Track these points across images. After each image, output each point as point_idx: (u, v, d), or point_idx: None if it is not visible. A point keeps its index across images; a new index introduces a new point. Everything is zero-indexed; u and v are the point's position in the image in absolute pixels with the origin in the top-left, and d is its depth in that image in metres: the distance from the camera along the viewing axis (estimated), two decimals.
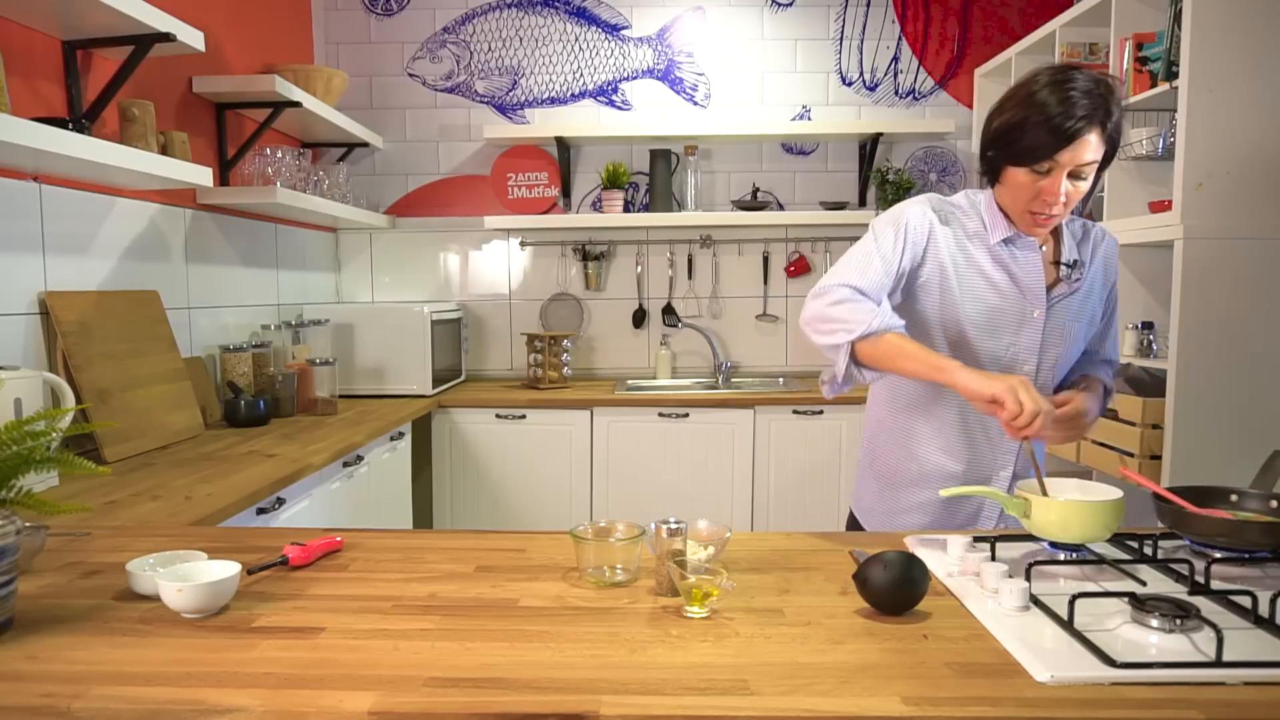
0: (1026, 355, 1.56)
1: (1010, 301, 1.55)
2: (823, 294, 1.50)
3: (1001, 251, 1.55)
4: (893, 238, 1.54)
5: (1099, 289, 1.62)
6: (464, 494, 3.54)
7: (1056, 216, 1.48)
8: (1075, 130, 1.38)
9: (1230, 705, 0.88)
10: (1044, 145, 1.41)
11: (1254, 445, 2.36)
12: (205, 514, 1.72)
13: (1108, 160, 1.47)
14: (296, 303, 3.59)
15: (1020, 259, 1.55)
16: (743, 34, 3.94)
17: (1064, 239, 1.59)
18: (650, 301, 4.05)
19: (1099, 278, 1.62)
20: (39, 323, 2.16)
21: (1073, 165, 1.41)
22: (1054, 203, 1.44)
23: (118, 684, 0.93)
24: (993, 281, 1.54)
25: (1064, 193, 1.43)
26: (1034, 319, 1.55)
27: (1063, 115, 1.39)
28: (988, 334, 1.55)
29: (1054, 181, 1.43)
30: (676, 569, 1.14)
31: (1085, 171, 1.43)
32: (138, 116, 2.31)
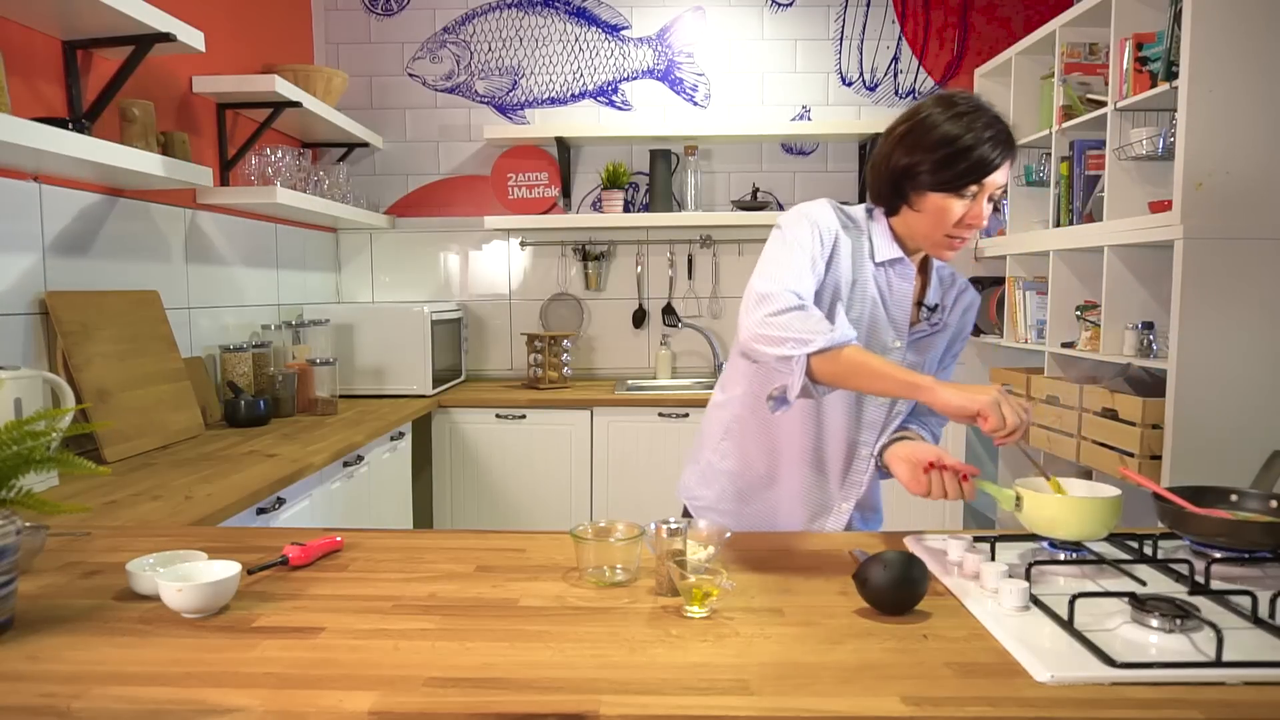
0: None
1: (880, 327, 1.54)
2: (765, 301, 1.41)
3: (880, 274, 1.54)
4: (809, 237, 1.49)
5: (953, 339, 1.64)
6: (464, 494, 3.54)
7: (967, 240, 1.50)
8: (1001, 157, 1.42)
9: (1230, 705, 0.88)
10: (975, 171, 1.42)
11: (1254, 445, 2.36)
12: (205, 514, 1.72)
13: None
14: (296, 303, 3.59)
15: (895, 287, 1.54)
16: (742, 34, 3.94)
17: (932, 281, 1.61)
18: (650, 301, 4.05)
19: (955, 325, 1.63)
20: (39, 323, 2.16)
21: (994, 189, 1.45)
22: (978, 225, 1.46)
23: (118, 684, 0.93)
24: (872, 302, 1.53)
25: (984, 216, 1.45)
26: (894, 349, 1.55)
27: (990, 142, 1.41)
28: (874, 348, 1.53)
29: (979, 205, 1.45)
30: (676, 569, 1.14)
31: (998, 195, 1.47)
32: (138, 116, 2.31)
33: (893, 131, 1.50)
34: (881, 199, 1.54)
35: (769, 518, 1.68)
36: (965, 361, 4.02)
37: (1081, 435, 2.84)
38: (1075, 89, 3.05)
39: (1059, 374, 3.16)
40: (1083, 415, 2.84)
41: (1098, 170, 2.97)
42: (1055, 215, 3.17)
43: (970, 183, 1.43)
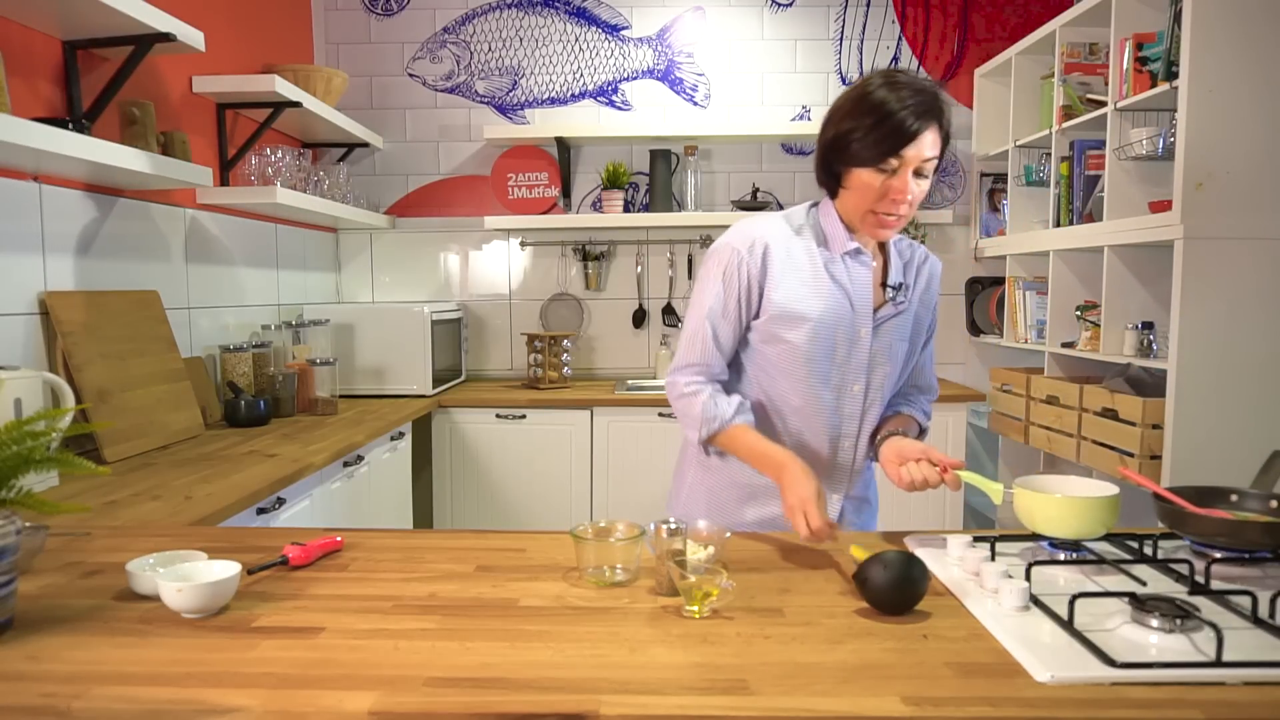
0: (856, 374, 1.58)
1: (844, 319, 1.55)
2: (671, 385, 1.60)
3: (837, 267, 1.56)
4: (720, 289, 1.56)
5: (923, 311, 1.65)
6: (464, 494, 3.54)
7: (903, 217, 1.49)
8: (918, 127, 1.41)
9: (1230, 705, 0.88)
10: (890, 143, 1.42)
11: (1254, 445, 2.36)
12: (205, 514, 1.72)
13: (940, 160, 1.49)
14: (296, 303, 3.59)
15: (855, 276, 1.56)
16: (743, 34, 3.94)
17: (891, 260, 1.61)
18: (650, 301, 4.05)
19: (923, 298, 1.65)
20: (39, 323, 2.16)
21: (917, 162, 1.43)
22: (902, 201, 1.45)
23: (118, 684, 0.93)
24: (828, 299, 1.54)
25: (912, 189, 1.45)
26: (862, 338, 1.57)
27: (906, 112, 1.41)
28: (824, 352, 1.55)
29: (901, 179, 1.44)
30: (676, 569, 1.14)
31: (926, 169, 1.45)
32: (138, 116, 2.31)
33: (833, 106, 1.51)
34: (822, 181, 1.57)
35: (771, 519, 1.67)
36: (966, 362, 4.03)
37: (1081, 435, 2.85)
38: (1075, 89, 3.05)
39: (1059, 374, 3.16)
40: (1083, 415, 2.84)
41: (1098, 170, 2.97)
42: (1055, 215, 3.17)
43: (888, 154, 1.42)
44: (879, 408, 1.63)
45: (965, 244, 3.98)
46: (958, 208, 3.97)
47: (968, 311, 3.96)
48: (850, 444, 1.64)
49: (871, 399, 1.61)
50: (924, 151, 1.43)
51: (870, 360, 1.58)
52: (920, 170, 1.44)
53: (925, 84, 1.45)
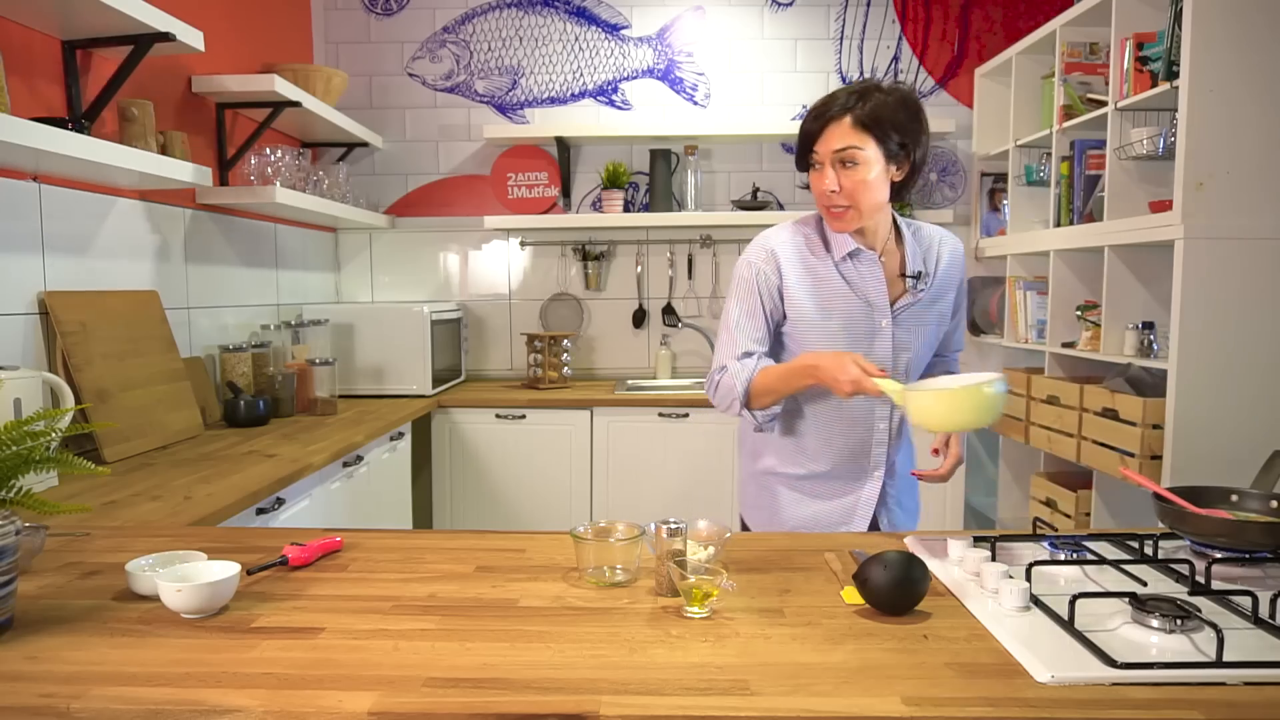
0: (881, 363, 1.66)
1: (859, 315, 1.66)
2: (710, 384, 1.73)
3: (847, 267, 1.67)
4: (746, 294, 1.70)
5: (949, 290, 1.73)
6: (464, 494, 3.54)
7: (846, 208, 1.59)
8: (817, 126, 1.57)
9: (1230, 705, 0.88)
10: (802, 146, 1.60)
11: (1254, 445, 2.36)
12: (205, 514, 1.72)
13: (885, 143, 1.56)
14: (296, 303, 3.59)
15: (863, 273, 1.66)
16: (743, 34, 3.94)
17: (908, 250, 1.68)
18: (650, 301, 4.05)
19: (946, 279, 1.72)
20: (39, 323, 2.15)
21: (829, 153, 1.56)
22: (828, 191, 1.58)
23: (118, 684, 0.93)
24: (842, 297, 1.66)
25: (836, 182, 1.57)
26: (883, 329, 1.67)
27: (813, 114, 1.59)
28: (846, 346, 1.65)
29: (822, 174, 1.58)
30: (676, 569, 1.14)
31: (850, 157, 1.55)
32: (137, 116, 2.31)
33: None
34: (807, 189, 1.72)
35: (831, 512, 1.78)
36: (967, 362, 4.02)
37: (1081, 435, 2.85)
38: (1075, 89, 3.05)
39: (1059, 374, 3.16)
40: (1083, 415, 2.84)
41: (1098, 170, 2.97)
42: (1055, 215, 3.17)
43: (804, 154, 1.60)
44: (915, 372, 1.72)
45: (966, 244, 3.96)
46: (958, 208, 3.97)
47: (968, 311, 3.96)
48: (884, 426, 1.73)
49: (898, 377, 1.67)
50: (832, 144, 1.56)
51: (895, 348, 1.67)
52: (845, 159, 1.56)
53: (858, 85, 1.60)
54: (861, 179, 1.56)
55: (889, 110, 1.56)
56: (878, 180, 1.57)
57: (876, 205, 1.61)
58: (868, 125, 1.55)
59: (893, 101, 1.57)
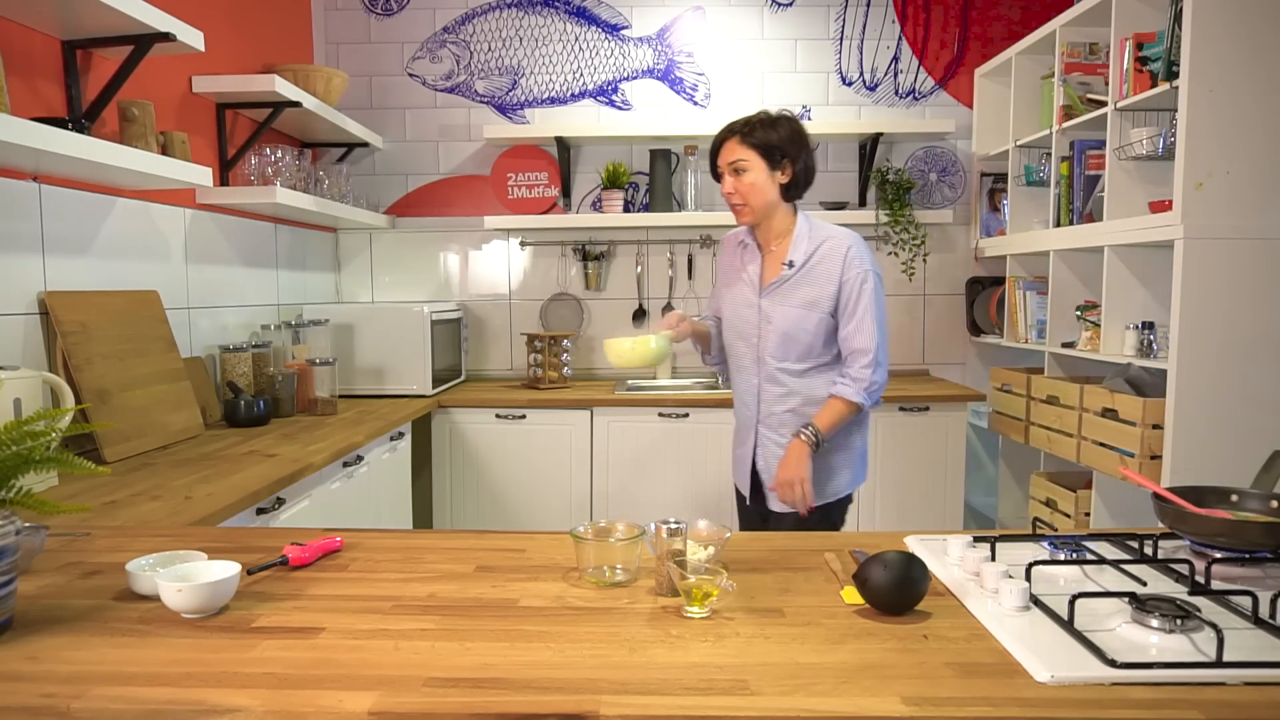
0: (753, 329, 2.15)
1: (744, 294, 2.18)
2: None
3: (745, 253, 2.21)
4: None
5: (822, 281, 2.08)
6: (464, 494, 3.54)
7: (743, 205, 2.09)
8: (715, 144, 2.12)
9: (1230, 705, 0.88)
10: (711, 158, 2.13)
11: (1254, 445, 2.36)
12: (205, 514, 1.72)
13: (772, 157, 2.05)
14: (296, 303, 3.59)
15: (748, 258, 2.20)
16: (743, 34, 3.94)
17: (792, 245, 2.11)
18: (650, 301, 4.05)
19: (818, 269, 2.09)
20: (39, 323, 2.15)
21: (725, 164, 2.09)
22: (726, 193, 2.10)
23: (118, 684, 0.93)
24: (736, 275, 2.21)
25: (731, 186, 2.08)
26: (754, 302, 2.15)
27: (716, 137, 2.13)
28: (734, 318, 2.20)
29: (723, 181, 2.11)
30: (676, 569, 1.14)
31: (739, 166, 2.06)
32: (137, 116, 2.31)
33: None
34: None
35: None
36: (966, 362, 4.03)
37: (1081, 435, 2.85)
38: (1075, 89, 3.05)
39: (1059, 374, 3.16)
40: (1083, 415, 2.84)
41: (1098, 170, 2.97)
42: (1055, 215, 3.17)
43: (714, 166, 2.13)
44: (777, 360, 2.12)
45: (965, 244, 3.99)
46: (958, 208, 3.97)
47: (968, 311, 3.96)
48: (752, 401, 2.19)
49: (764, 349, 2.13)
50: (727, 158, 2.08)
51: (760, 319, 2.13)
52: (737, 168, 2.06)
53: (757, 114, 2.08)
54: (750, 183, 2.06)
55: (765, 130, 2.04)
56: (763, 184, 2.06)
57: (766, 203, 2.09)
58: (750, 142, 2.05)
59: (768, 123, 2.05)
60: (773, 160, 2.05)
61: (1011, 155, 3.52)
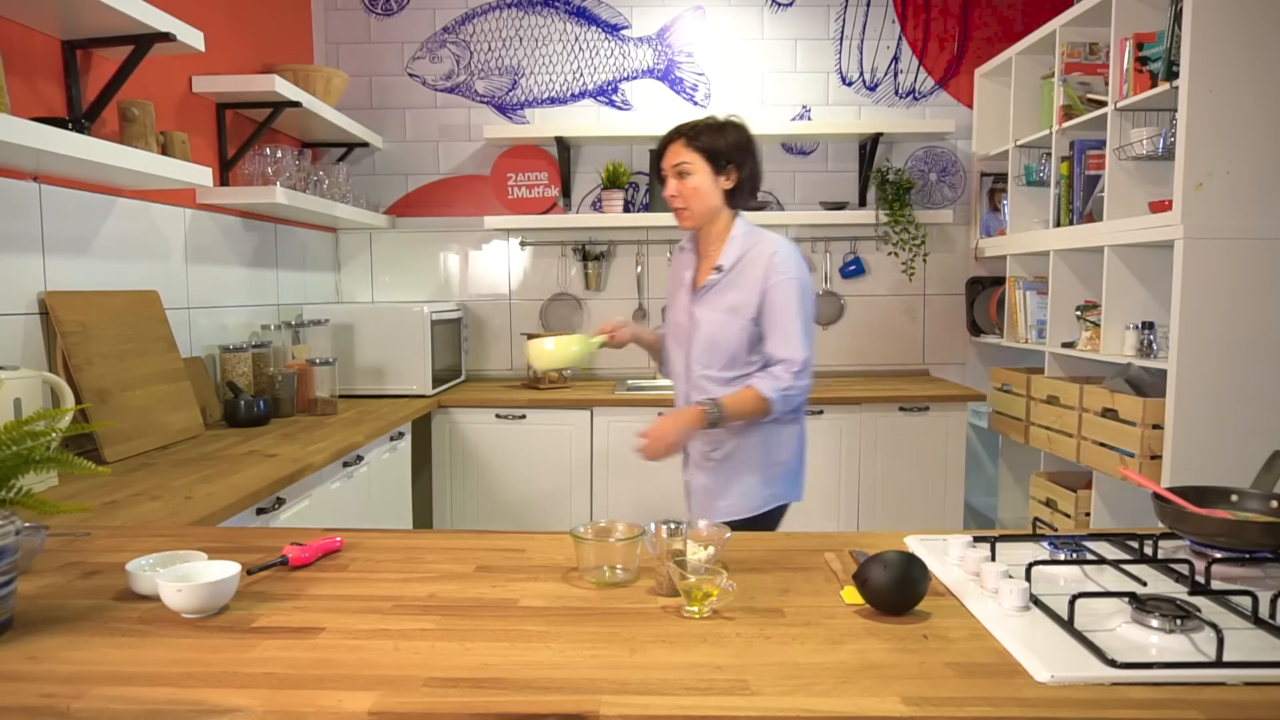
0: (683, 330, 2.11)
1: (680, 292, 2.16)
2: None
3: (683, 257, 2.18)
4: None
5: (747, 286, 2.02)
6: (464, 494, 3.54)
7: (685, 210, 2.05)
8: (659, 148, 2.07)
9: (1230, 705, 0.88)
10: (655, 161, 2.10)
11: (1254, 445, 2.36)
12: (205, 514, 1.72)
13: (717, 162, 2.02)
14: (296, 303, 3.59)
15: (683, 262, 2.17)
16: (743, 34, 3.94)
17: (724, 251, 2.06)
18: (650, 301, 4.05)
19: (742, 274, 2.03)
20: (39, 323, 2.15)
21: (669, 167, 2.04)
22: (669, 195, 2.06)
23: (118, 684, 0.93)
24: (676, 279, 2.19)
25: (674, 189, 2.04)
26: (686, 304, 2.11)
27: (661, 140, 2.08)
28: (672, 319, 2.19)
29: (667, 184, 2.06)
30: (676, 569, 1.14)
31: (683, 170, 2.02)
32: (138, 116, 2.31)
33: None
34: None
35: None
36: (966, 362, 4.03)
37: (1081, 435, 2.85)
38: (1075, 89, 3.05)
39: (1059, 374, 3.16)
40: (1083, 415, 2.84)
41: (1098, 170, 2.97)
42: (1055, 215, 3.17)
43: (657, 170, 2.10)
44: (702, 367, 2.07)
45: (965, 244, 3.99)
46: (958, 208, 3.97)
47: (968, 311, 3.96)
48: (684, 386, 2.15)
49: (694, 354, 2.08)
50: (671, 160, 2.04)
51: (691, 321, 2.09)
52: (681, 171, 2.02)
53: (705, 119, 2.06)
54: (693, 186, 2.02)
55: (711, 134, 2.01)
56: (706, 188, 2.02)
57: (708, 207, 2.04)
58: (696, 146, 2.01)
59: (716, 128, 2.03)
60: (717, 165, 2.01)
61: (1011, 155, 3.52)
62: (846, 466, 3.46)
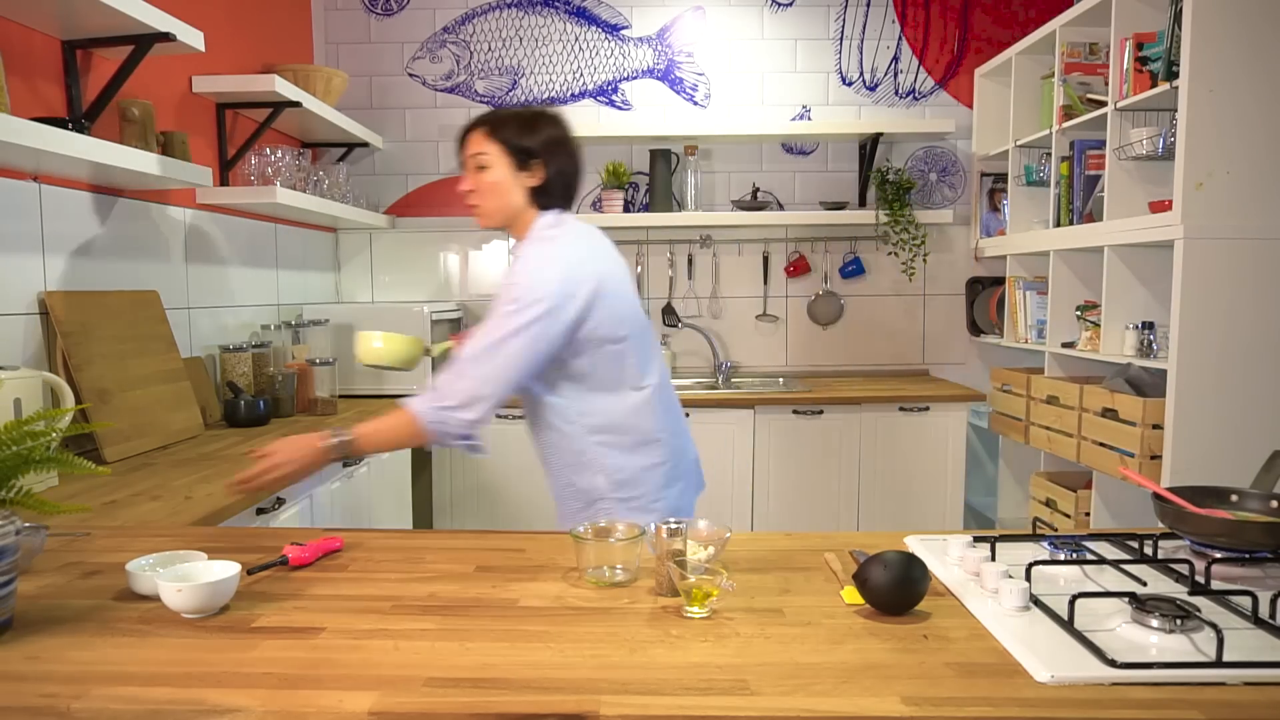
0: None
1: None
2: None
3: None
4: None
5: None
6: (464, 494, 3.54)
7: (478, 207, 1.82)
8: (463, 135, 1.82)
9: (1230, 705, 0.88)
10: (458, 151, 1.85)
11: (1254, 445, 2.36)
12: (205, 514, 1.72)
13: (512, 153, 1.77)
14: (296, 303, 3.58)
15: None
16: (743, 34, 3.94)
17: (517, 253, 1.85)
18: (650, 301, 4.04)
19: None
20: (39, 323, 2.15)
21: (467, 158, 1.80)
22: (461, 188, 1.84)
23: (118, 684, 0.93)
24: None
25: (470, 184, 1.81)
26: None
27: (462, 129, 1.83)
28: None
29: (463, 177, 1.82)
30: (676, 569, 1.14)
31: (480, 162, 1.78)
32: (138, 116, 2.31)
33: None
34: None
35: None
36: (966, 362, 4.03)
37: (1082, 435, 2.85)
38: (1075, 89, 3.05)
39: (1059, 374, 3.16)
40: (1083, 415, 2.84)
41: (1098, 170, 2.97)
42: (1055, 215, 3.17)
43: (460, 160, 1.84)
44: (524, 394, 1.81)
45: (965, 244, 3.98)
46: (958, 208, 3.97)
47: (968, 311, 3.96)
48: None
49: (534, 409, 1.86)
50: (467, 151, 1.80)
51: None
52: (478, 164, 1.78)
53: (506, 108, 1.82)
54: (489, 182, 1.78)
55: (517, 126, 1.78)
56: (504, 184, 1.77)
57: (505, 205, 1.79)
58: (495, 136, 1.77)
59: (523, 119, 1.80)
60: (520, 160, 1.77)
61: (1011, 155, 3.52)
62: (846, 466, 3.46)
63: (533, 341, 1.64)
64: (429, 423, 1.63)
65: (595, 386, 1.76)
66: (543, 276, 1.67)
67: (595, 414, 1.77)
